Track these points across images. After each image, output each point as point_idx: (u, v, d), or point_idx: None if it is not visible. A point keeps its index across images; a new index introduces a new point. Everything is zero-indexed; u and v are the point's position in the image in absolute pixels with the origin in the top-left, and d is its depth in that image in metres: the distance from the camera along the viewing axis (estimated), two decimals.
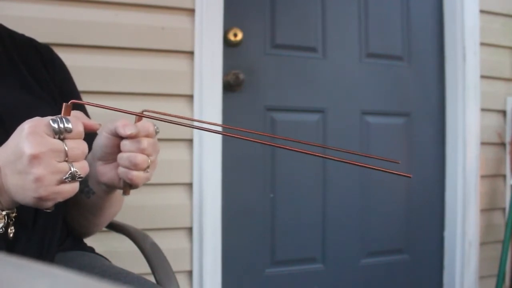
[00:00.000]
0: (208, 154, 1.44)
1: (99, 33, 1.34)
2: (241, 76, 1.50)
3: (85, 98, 1.05)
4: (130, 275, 0.79)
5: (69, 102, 0.55)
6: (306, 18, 1.67)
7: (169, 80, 1.41)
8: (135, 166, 0.62)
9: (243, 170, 1.59)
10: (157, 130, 0.65)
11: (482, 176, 1.82)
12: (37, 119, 0.53)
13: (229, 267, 1.54)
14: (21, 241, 0.66)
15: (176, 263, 1.18)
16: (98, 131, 0.62)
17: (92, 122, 0.58)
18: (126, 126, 0.61)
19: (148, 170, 0.64)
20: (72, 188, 0.54)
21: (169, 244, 1.32)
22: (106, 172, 0.67)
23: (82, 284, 0.21)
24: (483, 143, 1.81)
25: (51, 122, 0.52)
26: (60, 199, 0.54)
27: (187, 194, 1.44)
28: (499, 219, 1.88)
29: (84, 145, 0.55)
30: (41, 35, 1.29)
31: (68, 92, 0.85)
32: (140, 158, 0.62)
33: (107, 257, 0.92)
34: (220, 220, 1.46)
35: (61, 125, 0.52)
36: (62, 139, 0.53)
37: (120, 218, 0.99)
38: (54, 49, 0.91)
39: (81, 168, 0.54)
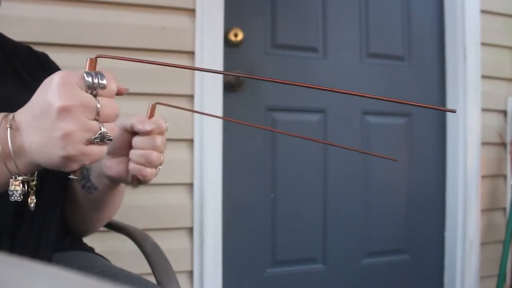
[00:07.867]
0: (209, 154, 1.44)
1: (99, 33, 1.34)
2: None
3: None
4: (129, 275, 0.79)
5: (95, 56, 0.50)
6: (306, 18, 1.67)
7: (170, 80, 1.41)
8: (150, 164, 0.63)
9: (244, 170, 1.59)
10: (167, 127, 0.66)
11: (483, 176, 1.82)
12: (68, 71, 0.48)
13: (230, 267, 1.54)
14: (21, 234, 0.67)
15: (177, 263, 1.18)
16: None
17: (121, 86, 0.52)
18: (145, 122, 0.61)
19: (160, 166, 0.65)
20: (101, 151, 0.50)
21: (169, 244, 1.32)
22: (113, 166, 0.66)
23: (81, 284, 0.21)
24: (483, 143, 1.81)
25: (85, 75, 0.48)
26: (87, 162, 0.50)
27: (187, 194, 1.44)
28: (500, 219, 1.88)
29: (117, 106, 0.50)
30: (41, 35, 1.29)
31: None
32: (155, 155, 0.62)
33: (108, 257, 0.92)
34: (220, 220, 1.46)
35: (95, 80, 0.48)
36: (95, 96, 0.49)
37: (121, 218, 0.99)
38: (54, 49, 0.91)
39: (111, 129, 0.50)
